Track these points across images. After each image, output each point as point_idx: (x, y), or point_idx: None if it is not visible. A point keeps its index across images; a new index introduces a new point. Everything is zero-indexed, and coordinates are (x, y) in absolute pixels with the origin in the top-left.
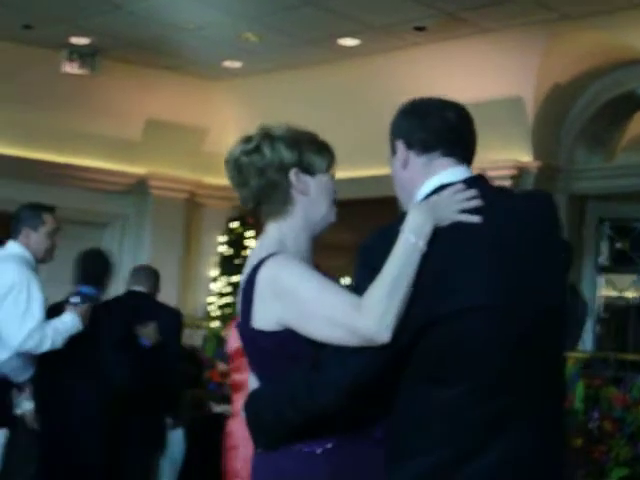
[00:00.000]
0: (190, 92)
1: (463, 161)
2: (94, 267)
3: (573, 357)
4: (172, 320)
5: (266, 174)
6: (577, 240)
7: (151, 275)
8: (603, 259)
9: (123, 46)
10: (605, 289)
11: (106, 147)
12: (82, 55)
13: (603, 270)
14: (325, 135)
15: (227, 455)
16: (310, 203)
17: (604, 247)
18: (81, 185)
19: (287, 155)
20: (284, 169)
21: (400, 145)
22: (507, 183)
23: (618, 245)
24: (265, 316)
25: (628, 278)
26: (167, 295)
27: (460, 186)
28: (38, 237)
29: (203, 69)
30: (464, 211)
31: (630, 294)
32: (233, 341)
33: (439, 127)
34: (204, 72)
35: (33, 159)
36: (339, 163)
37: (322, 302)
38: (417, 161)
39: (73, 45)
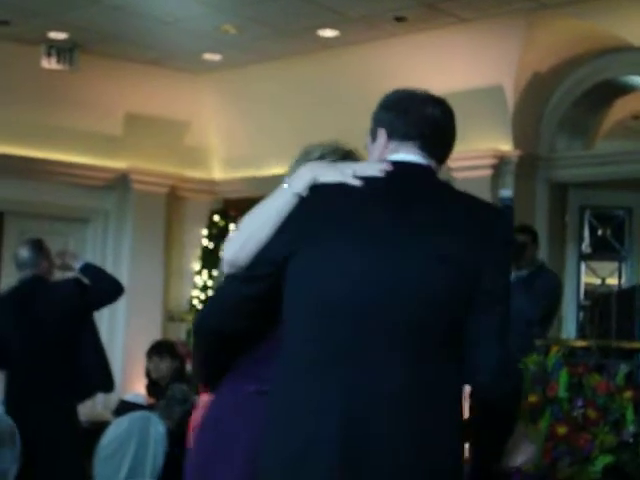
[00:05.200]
0: (170, 85)
1: (432, 155)
2: None
3: (556, 345)
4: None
5: None
6: (559, 228)
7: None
8: (585, 247)
9: (102, 40)
10: (587, 276)
11: (87, 142)
12: (60, 50)
13: (585, 258)
14: (304, 126)
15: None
16: None
17: (586, 235)
18: (62, 181)
19: None
20: None
21: (382, 133)
22: (488, 172)
23: (600, 233)
24: None
25: (610, 265)
26: (151, 289)
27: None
28: None
29: (183, 62)
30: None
31: (612, 281)
32: None
33: (419, 122)
34: (184, 65)
35: (14, 155)
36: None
37: None
38: (399, 148)
39: (51, 40)
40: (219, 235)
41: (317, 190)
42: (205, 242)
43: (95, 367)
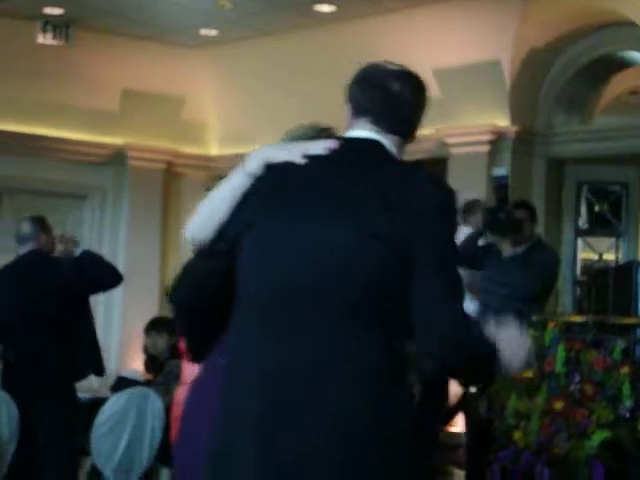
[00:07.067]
0: (166, 61)
1: (387, 130)
2: None
3: (553, 320)
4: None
5: None
6: (556, 204)
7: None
8: (582, 222)
9: (97, 16)
10: (584, 252)
11: (83, 118)
12: (56, 26)
13: (582, 233)
14: (300, 101)
15: (174, 425)
16: None
17: (583, 210)
18: (58, 157)
19: None
20: None
21: (347, 108)
22: (485, 148)
23: (597, 208)
24: None
25: (607, 241)
26: (148, 266)
27: (324, 141)
28: None
29: (179, 38)
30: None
31: (609, 257)
32: None
33: (377, 97)
34: (180, 41)
35: (10, 132)
36: None
37: None
38: (354, 124)
39: (47, 16)
40: None
41: (269, 170)
42: None
43: (88, 350)
